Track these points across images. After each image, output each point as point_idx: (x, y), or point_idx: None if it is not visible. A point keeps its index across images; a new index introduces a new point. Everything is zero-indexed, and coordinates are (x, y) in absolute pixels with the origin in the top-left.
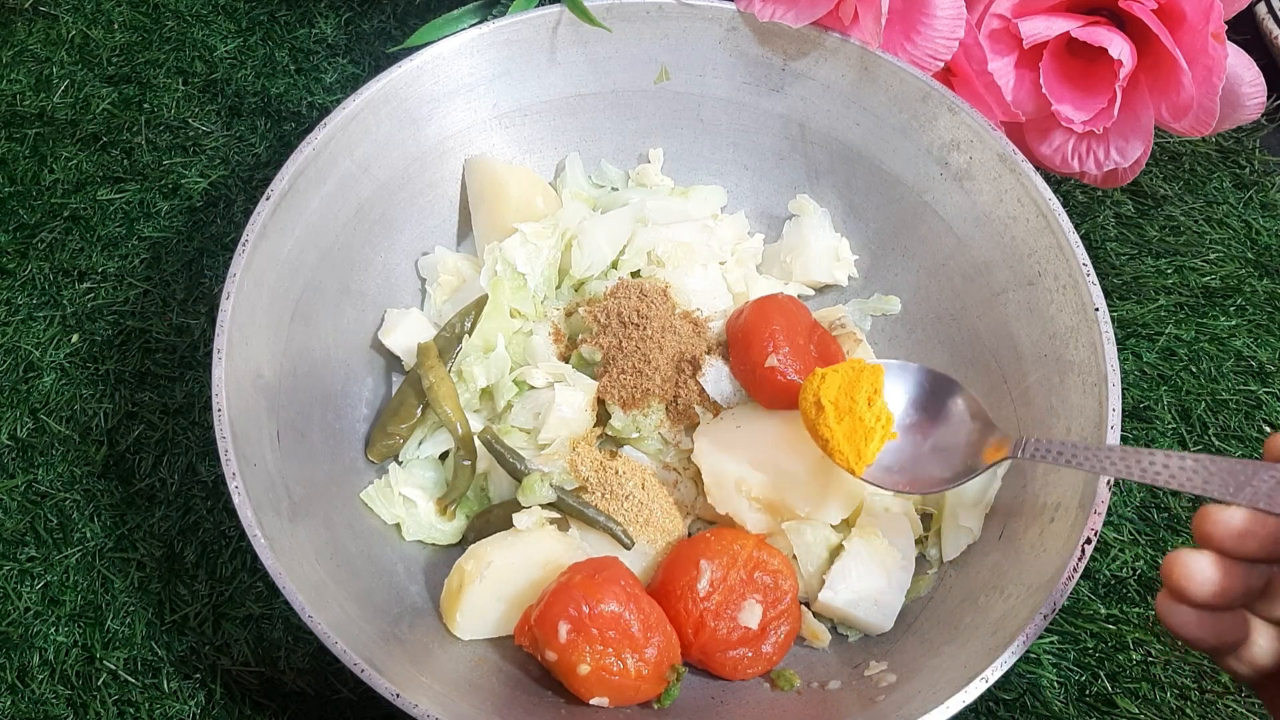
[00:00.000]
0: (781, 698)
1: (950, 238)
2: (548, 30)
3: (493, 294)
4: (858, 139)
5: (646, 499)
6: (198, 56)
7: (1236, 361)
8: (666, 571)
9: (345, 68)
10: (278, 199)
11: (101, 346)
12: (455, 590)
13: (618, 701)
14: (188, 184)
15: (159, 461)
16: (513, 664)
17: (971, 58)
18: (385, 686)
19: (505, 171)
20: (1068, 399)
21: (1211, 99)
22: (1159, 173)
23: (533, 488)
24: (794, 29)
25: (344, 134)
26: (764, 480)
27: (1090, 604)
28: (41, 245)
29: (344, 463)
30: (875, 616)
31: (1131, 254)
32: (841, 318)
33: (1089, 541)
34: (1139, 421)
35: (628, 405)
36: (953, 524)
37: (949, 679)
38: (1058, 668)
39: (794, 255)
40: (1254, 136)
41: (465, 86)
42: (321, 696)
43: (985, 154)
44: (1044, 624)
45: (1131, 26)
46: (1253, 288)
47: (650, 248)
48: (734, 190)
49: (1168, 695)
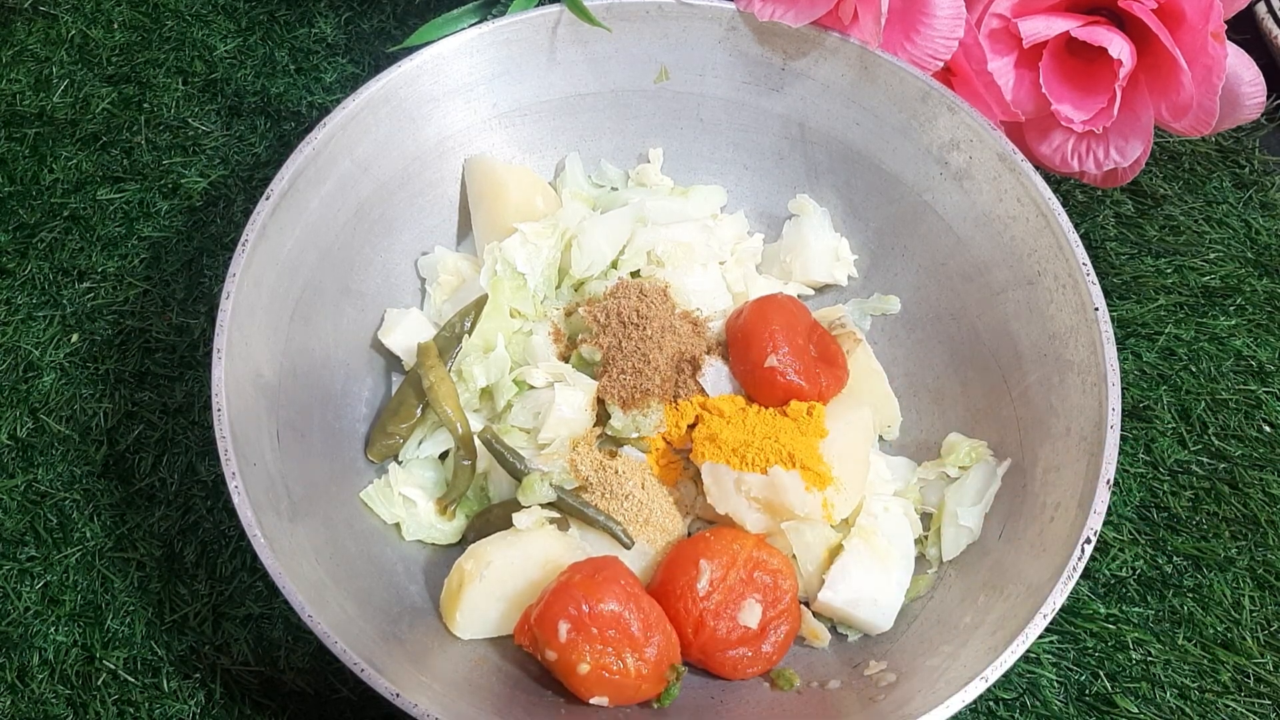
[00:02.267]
0: (781, 697)
1: (950, 237)
2: (548, 30)
3: (493, 294)
4: (858, 139)
5: (646, 499)
6: (198, 56)
7: (1236, 361)
8: (666, 571)
9: (345, 67)
10: (278, 199)
11: (101, 346)
12: (455, 590)
13: (617, 701)
14: (187, 184)
15: (159, 461)
16: (513, 663)
17: (971, 57)
18: (385, 686)
19: (505, 171)
20: (1067, 398)
21: (1211, 99)
22: (1159, 172)
23: (533, 487)
24: (794, 29)
25: (344, 134)
26: (764, 480)
27: (1090, 604)
28: (41, 245)
29: (344, 462)
30: (875, 616)
31: (1131, 254)
32: (841, 317)
33: (1089, 541)
34: (1139, 421)
35: (628, 405)
36: (953, 524)
37: (949, 679)
38: (1058, 668)
39: (794, 255)
40: (1254, 136)
41: (465, 86)
42: (321, 696)
43: (985, 154)
44: (1044, 624)
45: (1131, 26)
46: (1252, 287)
47: (650, 248)
48: (734, 190)
49: (1168, 695)
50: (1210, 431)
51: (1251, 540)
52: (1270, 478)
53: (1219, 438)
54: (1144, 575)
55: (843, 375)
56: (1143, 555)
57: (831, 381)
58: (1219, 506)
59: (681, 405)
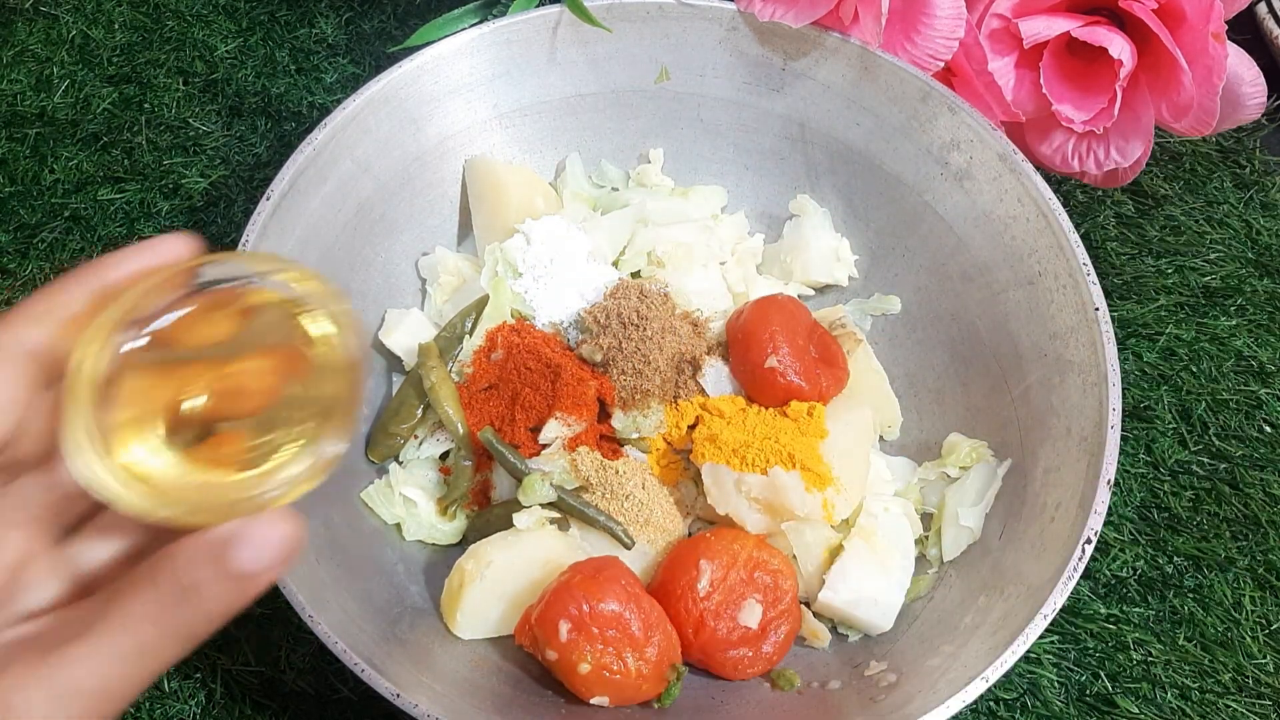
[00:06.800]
0: (781, 697)
1: (950, 237)
2: (548, 30)
3: (493, 294)
4: (858, 139)
5: (646, 499)
6: (198, 56)
7: (1237, 361)
8: (666, 571)
9: (345, 68)
10: (278, 199)
11: None
12: (455, 590)
13: (618, 701)
14: (188, 184)
15: None
16: (513, 664)
17: (971, 58)
18: (385, 686)
19: (505, 171)
20: (1068, 398)
21: (1211, 99)
22: (1159, 173)
23: (533, 487)
24: (794, 29)
25: (344, 134)
26: (764, 480)
27: (1090, 604)
28: (42, 245)
29: (344, 463)
30: (875, 616)
31: (1131, 254)
32: (841, 318)
33: (1089, 541)
34: (1139, 421)
35: (628, 405)
36: (953, 524)
37: (949, 679)
38: (1058, 668)
39: (794, 255)
40: (1254, 136)
41: (465, 86)
42: (321, 696)
43: (985, 154)
44: (1044, 624)
45: (1131, 26)
46: (1253, 287)
47: (650, 248)
48: (734, 190)
49: (1168, 695)
50: (1211, 432)
51: (1252, 540)
52: (1271, 478)
53: (1220, 438)
54: (1144, 575)
55: (843, 375)
56: (1143, 555)
57: (832, 382)
58: (1220, 507)
59: (682, 406)
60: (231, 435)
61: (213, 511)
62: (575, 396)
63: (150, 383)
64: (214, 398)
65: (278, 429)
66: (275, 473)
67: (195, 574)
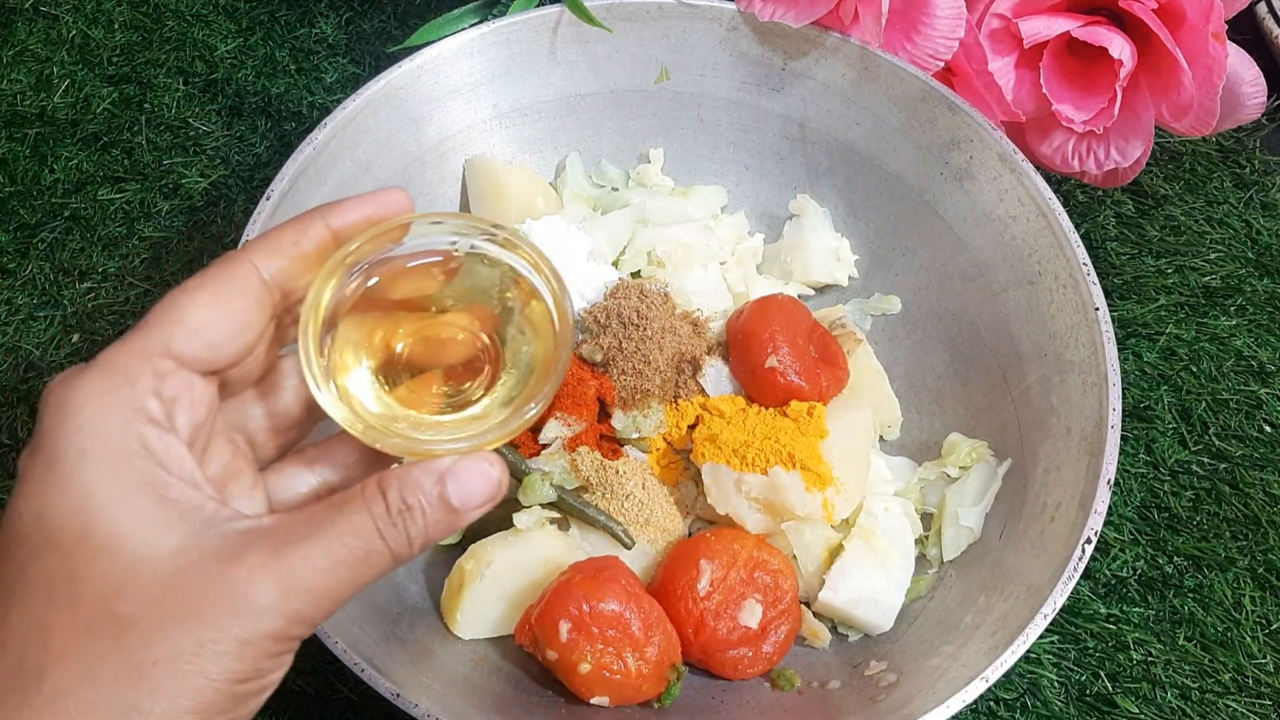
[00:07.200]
0: (782, 697)
1: (950, 237)
2: (548, 30)
3: None
4: (858, 139)
5: (646, 499)
6: (198, 56)
7: (1237, 361)
8: (666, 571)
9: (345, 68)
10: (278, 199)
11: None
12: (455, 590)
13: (618, 701)
14: (188, 184)
15: None
16: (513, 663)
17: (971, 57)
18: (385, 686)
19: (505, 171)
20: (1068, 398)
21: (1212, 99)
22: (1159, 172)
23: (533, 487)
24: (794, 29)
25: (344, 134)
26: (764, 480)
27: (1090, 604)
28: (42, 245)
29: None
30: (875, 616)
31: (1131, 254)
32: (841, 318)
33: (1089, 541)
34: (1139, 421)
35: (628, 405)
36: (953, 524)
37: (949, 679)
38: (1058, 668)
39: (794, 255)
40: (1254, 136)
41: (465, 86)
42: (321, 696)
43: (985, 154)
44: (1044, 624)
45: (1132, 26)
46: (1253, 287)
47: (650, 248)
48: (734, 190)
49: (1168, 695)
50: (1211, 432)
51: (1252, 540)
52: (1271, 478)
53: (1220, 438)
54: (1144, 575)
55: (843, 375)
56: (1143, 555)
57: (832, 382)
58: (1220, 507)
59: (682, 406)
60: (432, 379)
61: (411, 448)
62: (575, 396)
63: (367, 323)
64: (422, 344)
65: (479, 381)
66: (473, 422)
67: (415, 497)
